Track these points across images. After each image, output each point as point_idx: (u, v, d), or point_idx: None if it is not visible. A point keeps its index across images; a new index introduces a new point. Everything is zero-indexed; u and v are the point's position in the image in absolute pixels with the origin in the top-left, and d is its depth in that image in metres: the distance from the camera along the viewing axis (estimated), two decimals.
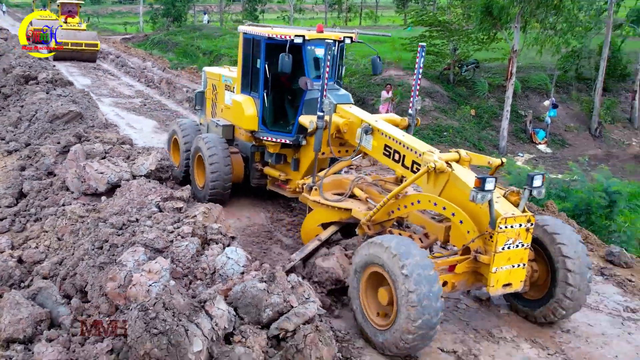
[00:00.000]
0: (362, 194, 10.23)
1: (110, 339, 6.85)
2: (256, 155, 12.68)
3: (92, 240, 8.76)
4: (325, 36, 11.31)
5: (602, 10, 35.94)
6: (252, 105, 12.01)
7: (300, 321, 7.08)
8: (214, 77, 14.28)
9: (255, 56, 11.89)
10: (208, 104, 14.69)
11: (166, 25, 57.44)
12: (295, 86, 11.72)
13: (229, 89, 13.27)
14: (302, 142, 11.46)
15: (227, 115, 13.37)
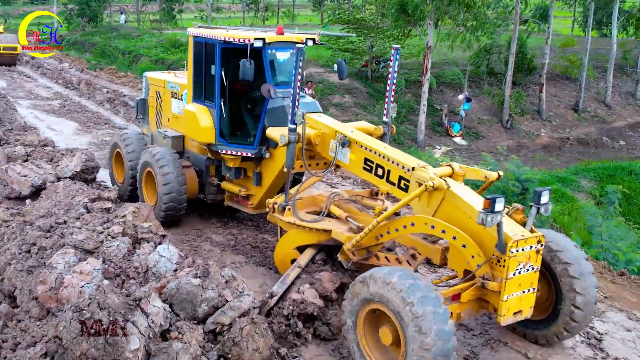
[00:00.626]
0: (341, 212, 9.25)
1: (44, 342, 6.81)
2: (211, 169, 11.82)
3: (18, 244, 8.62)
4: (286, 38, 10.65)
5: (510, 8, 37.50)
6: (208, 116, 11.03)
7: (235, 315, 7.23)
8: (157, 84, 13.24)
9: (209, 61, 10.95)
10: (151, 112, 13.61)
11: (82, 25, 55.88)
12: (255, 94, 11.06)
13: (176, 96, 12.37)
14: (265, 155, 10.65)
15: (175, 126, 12.45)
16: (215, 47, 10.63)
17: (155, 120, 13.34)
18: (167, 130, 12.50)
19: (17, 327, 7.40)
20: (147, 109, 13.70)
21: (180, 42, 42.67)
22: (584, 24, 49.31)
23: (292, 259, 9.23)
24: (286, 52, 10.77)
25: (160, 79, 13.13)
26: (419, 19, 29.21)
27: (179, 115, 12.15)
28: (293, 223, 9.22)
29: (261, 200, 10.93)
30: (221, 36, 10.52)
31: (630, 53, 43.50)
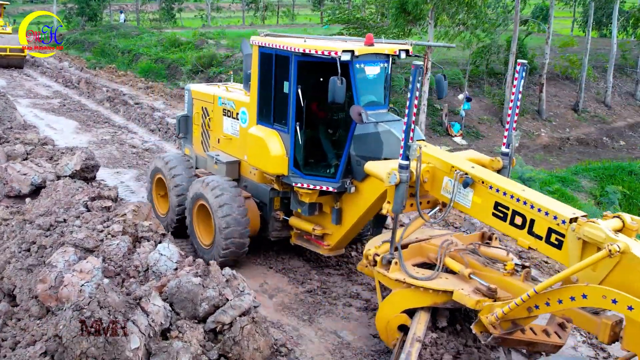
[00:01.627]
0: (461, 267, 7.43)
1: (44, 341, 6.79)
2: (276, 201, 10.22)
3: (18, 242, 8.59)
4: (377, 50, 9.01)
5: (510, 7, 37.51)
6: (279, 142, 9.42)
7: (236, 314, 7.21)
8: (204, 99, 11.72)
9: (281, 77, 9.31)
10: (196, 131, 12.07)
11: (81, 24, 55.83)
12: (337, 116, 9.79)
13: (230, 114, 10.90)
14: (350, 190, 9.05)
15: (228, 149, 11.02)
16: (290, 61, 9.00)
17: (201, 141, 11.90)
18: (218, 154, 11.02)
19: (16, 326, 7.38)
20: (190, 127, 12.20)
21: (180, 42, 42.67)
22: (584, 24, 49.32)
23: (399, 324, 7.57)
24: (376, 66, 9.15)
25: (208, 93, 11.64)
26: (419, 17, 29.20)
27: (232, 137, 10.83)
28: (402, 281, 7.39)
29: (340, 241, 9.68)
30: (298, 47, 8.85)
31: (630, 53, 43.49)
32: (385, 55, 9.07)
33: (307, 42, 9.06)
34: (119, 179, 15.10)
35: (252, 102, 10.09)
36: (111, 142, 19.02)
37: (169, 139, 19.58)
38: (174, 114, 22.41)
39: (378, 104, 9.27)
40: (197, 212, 10.52)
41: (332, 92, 8.07)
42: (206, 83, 13.08)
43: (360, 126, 8.70)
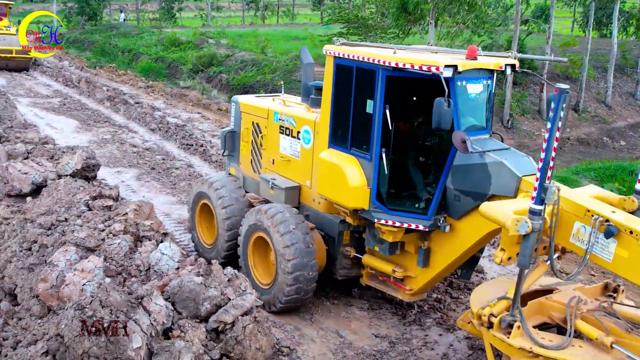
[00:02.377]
0: (598, 332, 6.12)
1: (45, 340, 6.77)
2: (345, 235, 8.93)
3: (19, 241, 8.58)
4: (481, 65, 7.66)
5: (510, 7, 37.55)
6: (359, 170, 8.06)
7: (238, 313, 7.19)
8: (256, 113, 10.42)
9: (363, 94, 7.99)
10: (244, 149, 10.76)
11: (81, 23, 55.82)
12: (430, 141, 8.49)
13: (289, 133, 9.65)
14: (445, 229, 7.74)
15: (286, 171, 9.79)
16: (377, 76, 7.72)
17: (251, 161, 10.60)
18: (274, 178, 9.79)
19: (17, 325, 7.37)
20: (238, 144, 10.89)
21: (180, 41, 42.64)
22: (584, 24, 49.33)
23: None
24: (479, 83, 7.81)
25: (261, 107, 10.33)
26: (419, 17, 29.19)
27: (292, 159, 9.60)
28: (527, 350, 6.07)
29: (425, 286, 8.48)
30: (388, 60, 7.52)
31: (630, 53, 43.45)
32: (489, 70, 7.76)
33: (398, 53, 7.70)
34: (120, 178, 15.08)
35: (322, 121, 8.73)
36: (112, 141, 19.00)
37: (169, 138, 19.57)
38: (175, 113, 22.42)
39: (480, 129, 7.90)
40: (253, 246, 9.23)
41: (437, 117, 6.90)
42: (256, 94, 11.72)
43: (461, 155, 7.40)
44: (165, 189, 14.51)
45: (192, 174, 15.80)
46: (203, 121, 21.69)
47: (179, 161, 17.06)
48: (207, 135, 19.11)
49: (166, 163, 16.78)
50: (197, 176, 15.63)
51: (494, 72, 7.92)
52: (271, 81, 30.81)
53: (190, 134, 19.09)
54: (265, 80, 31.07)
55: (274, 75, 31.69)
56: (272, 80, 30.89)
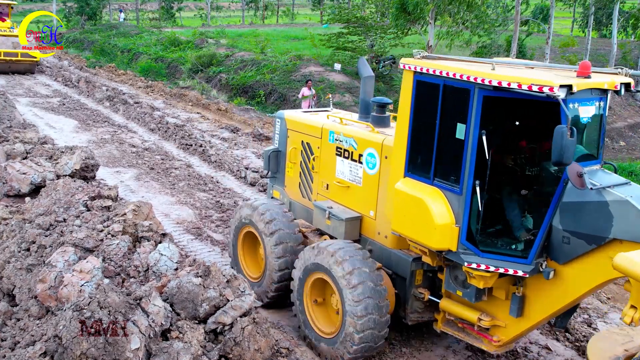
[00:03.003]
0: None
1: (43, 341, 6.75)
2: (418, 275, 7.91)
3: (18, 242, 8.55)
4: (597, 85, 6.48)
5: (510, 7, 37.55)
6: (445, 205, 6.93)
7: (237, 314, 7.17)
8: (307, 132, 9.36)
9: (452, 117, 6.84)
10: (291, 171, 9.77)
11: (81, 23, 55.83)
12: (532, 172, 7.23)
13: (348, 155, 8.58)
14: (549, 276, 6.63)
15: (343, 199, 8.77)
16: (471, 95, 6.57)
17: (299, 184, 9.62)
18: (331, 206, 8.76)
19: (16, 326, 7.35)
20: (283, 165, 9.89)
21: (180, 41, 42.64)
22: (584, 24, 49.34)
23: None
24: (591, 105, 6.73)
25: (313, 125, 9.26)
26: (419, 17, 29.21)
27: (351, 185, 8.58)
28: None
29: (516, 337, 7.41)
30: (487, 78, 6.35)
31: (630, 54, 43.48)
32: (602, 90, 6.62)
33: (498, 70, 6.54)
34: (119, 178, 15.06)
35: (397, 146, 7.55)
36: (111, 141, 18.98)
37: (168, 138, 19.54)
38: (174, 113, 22.40)
39: (591, 158, 6.85)
40: (311, 288, 8.18)
41: (558, 149, 5.76)
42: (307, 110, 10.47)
43: (572, 190, 6.35)
44: (165, 189, 14.49)
45: (191, 174, 15.78)
46: (202, 121, 21.67)
47: (178, 161, 17.05)
48: (206, 135, 19.09)
49: (165, 163, 16.76)
50: (196, 176, 15.62)
51: (607, 92, 6.74)
52: (270, 81, 30.82)
53: (190, 134, 19.07)
54: (264, 80, 31.06)
55: (273, 75, 31.70)
56: (272, 81, 30.90)
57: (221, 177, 15.70)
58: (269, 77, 31.24)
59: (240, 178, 15.58)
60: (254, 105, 29.35)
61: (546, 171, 6.99)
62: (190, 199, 13.80)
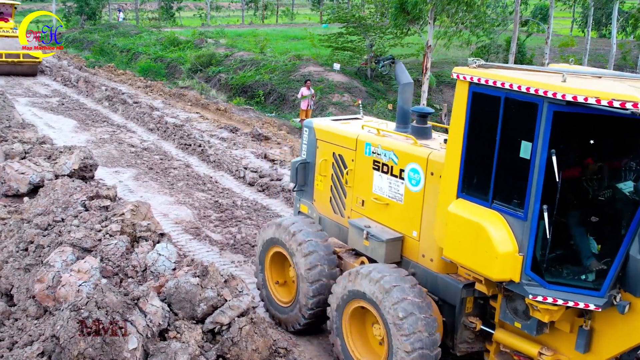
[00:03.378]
0: None
1: (41, 341, 6.76)
2: (468, 302, 7.22)
3: (16, 241, 8.56)
4: None
5: (509, 8, 37.59)
6: (507, 232, 6.22)
7: (235, 314, 7.19)
8: (340, 142, 8.56)
9: (515, 134, 6.12)
10: (321, 184, 8.96)
11: (80, 23, 55.86)
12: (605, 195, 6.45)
13: (386, 170, 7.82)
14: (625, 310, 5.90)
15: (381, 217, 7.99)
16: (539, 111, 5.86)
17: (330, 199, 8.84)
18: (369, 226, 7.96)
19: (14, 326, 7.37)
20: (312, 177, 9.13)
21: (179, 41, 42.64)
22: (583, 24, 49.37)
23: None
24: None
25: (346, 135, 8.47)
26: (418, 17, 29.23)
27: (391, 202, 7.82)
28: None
29: None
30: (558, 91, 5.64)
31: (629, 54, 43.49)
32: None
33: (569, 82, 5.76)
34: (118, 178, 15.06)
35: (449, 163, 6.78)
36: (110, 141, 18.98)
37: (167, 138, 19.54)
38: (173, 113, 22.41)
39: None
40: (351, 318, 7.50)
41: None
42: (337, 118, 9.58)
43: None
44: (163, 189, 14.49)
45: (190, 174, 15.79)
46: (201, 121, 21.67)
47: (177, 161, 17.05)
48: (205, 135, 19.09)
49: (164, 163, 16.76)
50: (195, 176, 15.62)
51: None
52: (270, 81, 30.85)
53: (189, 134, 19.06)
54: (263, 80, 31.08)
55: (272, 75, 31.73)
56: (271, 80, 30.93)
57: (220, 177, 15.71)
58: (268, 77, 31.27)
59: (239, 178, 15.57)
60: (253, 105, 29.38)
61: (621, 193, 6.22)
62: (189, 198, 13.79)
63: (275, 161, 16.45)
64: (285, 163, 16.47)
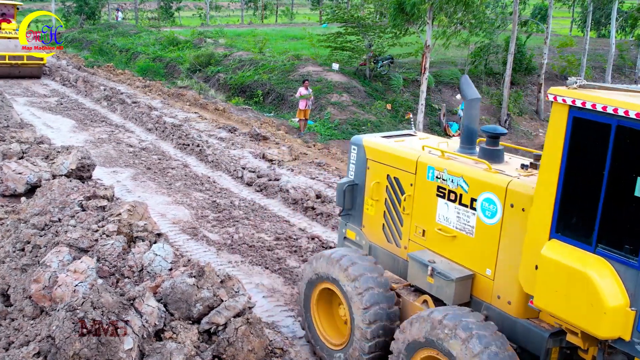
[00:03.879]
0: None
1: (37, 342, 6.77)
2: (554, 352, 6.30)
3: (13, 242, 8.56)
4: None
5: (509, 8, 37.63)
6: (616, 282, 5.36)
7: (230, 314, 7.19)
8: (396, 164, 7.59)
9: (628, 168, 5.24)
10: (372, 210, 8.01)
11: (79, 23, 55.86)
12: None
13: (454, 198, 6.84)
14: None
15: (447, 250, 7.02)
16: None
17: (383, 226, 7.86)
18: (434, 260, 7.00)
19: (10, 326, 7.37)
20: (361, 201, 8.17)
21: (178, 40, 42.64)
22: (583, 24, 49.38)
23: None
24: None
25: (404, 156, 7.49)
26: (416, 17, 29.27)
27: (459, 234, 6.87)
28: None
29: None
30: None
31: (628, 53, 43.55)
32: None
33: None
34: (116, 178, 15.06)
35: (540, 196, 5.88)
36: (108, 141, 18.98)
37: (165, 138, 19.54)
38: (171, 113, 22.41)
39: None
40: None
41: None
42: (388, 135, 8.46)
43: None
44: (161, 189, 14.49)
45: (187, 174, 15.79)
46: (200, 121, 21.68)
47: (175, 161, 17.05)
48: (203, 135, 19.10)
49: (162, 163, 16.76)
50: (193, 176, 15.62)
51: None
52: (268, 80, 30.86)
53: (187, 134, 19.07)
54: (262, 80, 31.09)
55: (271, 75, 31.74)
56: (270, 80, 30.94)
57: (218, 177, 15.71)
58: (267, 77, 31.29)
59: (237, 178, 15.58)
60: (252, 105, 29.39)
61: None
62: (187, 199, 13.80)
63: (273, 161, 16.46)
64: (283, 163, 16.47)
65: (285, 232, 12.01)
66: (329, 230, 12.33)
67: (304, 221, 12.80)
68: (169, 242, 8.91)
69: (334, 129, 26.82)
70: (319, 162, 16.97)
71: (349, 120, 28.13)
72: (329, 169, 16.47)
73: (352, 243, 8.32)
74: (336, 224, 12.36)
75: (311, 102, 25.32)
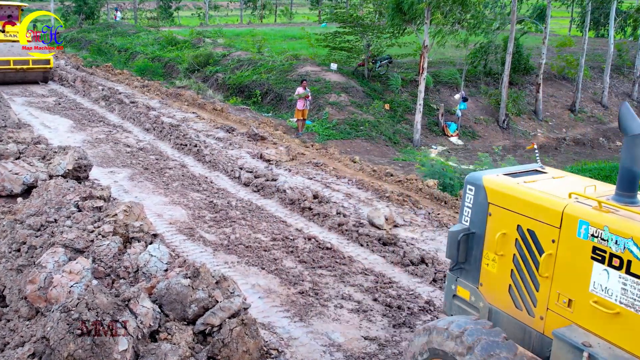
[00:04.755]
0: None
1: (32, 342, 6.77)
2: None
3: (8, 242, 8.56)
4: None
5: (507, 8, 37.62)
6: None
7: (225, 315, 7.18)
8: (531, 213, 5.82)
9: None
10: (494, 267, 6.35)
11: (78, 22, 55.86)
12: None
13: (619, 264, 5.02)
14: None
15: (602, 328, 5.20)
16: None
17: (510, 288, 6.18)
18: (589, 343, 5.18)
19: (5, 327, 7.36)
20: (479, 253, 6.55)
21: (177, 40, 42.63)
22: (581, 24, 49.40)
23: None
24: None
25: (543, 203, 5.72)
26: (414, 17, 29.31)
27: (624, 312, 5.04)
28: None
29: None
30: None
31: (627, 53, 43.56)
32: None
33: None
34: (113, 178, 15.05)
35: None
36: (105, 141, 18.97)
37: (163, 138, 19.53)
38: (169, 113, 22.42)
39: None
40: None
41: None
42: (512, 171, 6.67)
43: None
44: (158, 189, 14.49)
45: (185, 174, 15.78)
46: (198, 121, 21.67)
47: (172, 161, 17.04)
48: (201, 135, 19.09)
49: (160, 163, 16.75)
50: (190, 176, 15.61)
51: None
52: (267, 80, 30.87)
53: (185, 134, 19.07)
54: (261, 80, 31.09)
55: (269, 75, 31.75)
56: (268, 80, 30.95)
57: (215, 177, 15.71)
58: (266, 77, 31.31)
59: (234, 178, 15.58)
60: (250, 105, 29.41)
61: None
62: (184, 199, 13.80)
63: (270, 161, 16.46)
64: (280, 163, 16.47)
65: (282, 233, 12.02)
66: (326, 230, 12.33)
67: (300, 221, 12.80)
68: (164, 243, 8.90)
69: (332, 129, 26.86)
70: (316, 163, 16.98)
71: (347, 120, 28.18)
72: (326, 169, 16.47)
73: (464, 303, 6.74)
74: (333, 224, 12.36)
75: (309, 101, 25.33)
